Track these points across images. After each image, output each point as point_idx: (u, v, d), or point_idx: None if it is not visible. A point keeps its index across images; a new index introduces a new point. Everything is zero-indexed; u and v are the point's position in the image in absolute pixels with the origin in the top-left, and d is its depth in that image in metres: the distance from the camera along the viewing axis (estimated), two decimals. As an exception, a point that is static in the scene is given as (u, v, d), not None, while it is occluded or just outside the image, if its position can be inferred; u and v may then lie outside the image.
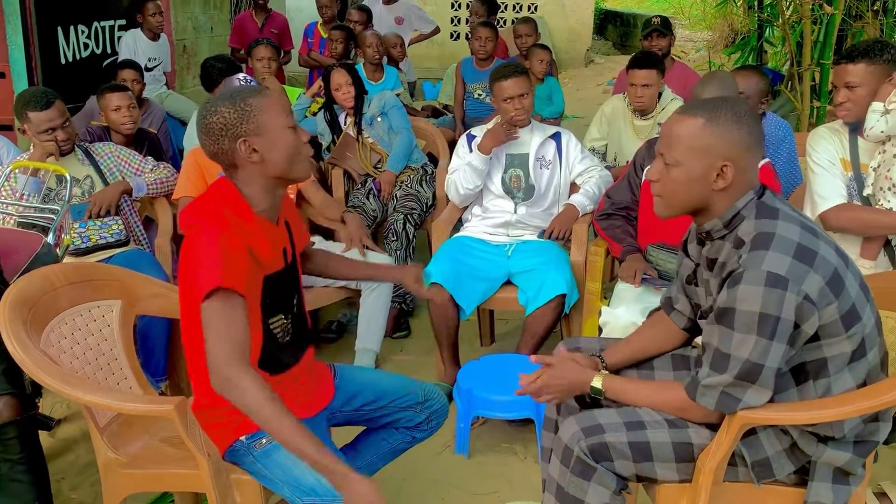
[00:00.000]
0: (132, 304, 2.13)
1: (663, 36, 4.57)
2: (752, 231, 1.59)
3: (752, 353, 1.53)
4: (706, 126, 1.61)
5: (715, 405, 1.60)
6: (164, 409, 1.64)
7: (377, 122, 3.97)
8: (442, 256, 2.96)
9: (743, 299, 1.53)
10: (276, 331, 1.79)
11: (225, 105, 1.70)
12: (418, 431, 2.09)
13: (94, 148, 3.23)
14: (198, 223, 1.66)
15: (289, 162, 1.73)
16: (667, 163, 1.65)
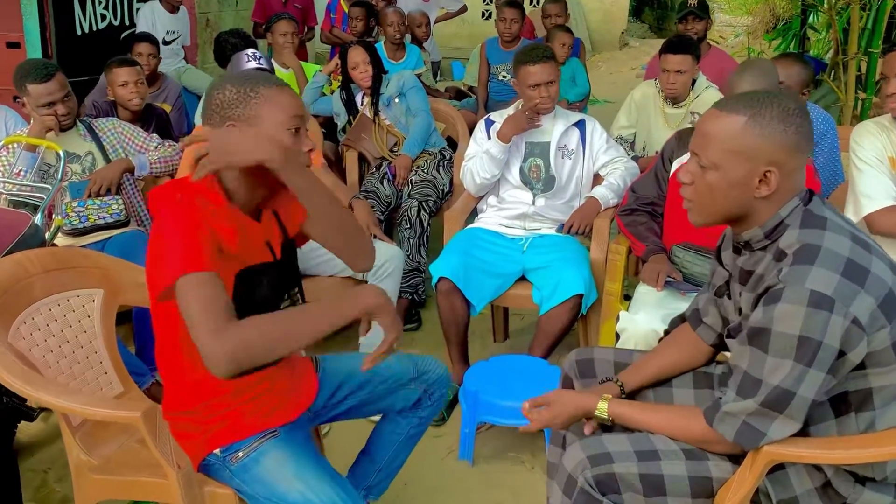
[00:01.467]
0: (115, 294, 2.00)
1: (699, 19, 4.33)
2: (795, 243, 1.40)
3: (785, 379, 1.35)
4: (749, 125, 1.41)
5: (734, 436, 1.43)
6: (130, 416, 1.50)
7: (395, 103, 3.80)
8: (453, 249, 2.79)
9: (781, 319, 1.35)
10: None
11: (233, 83, 1.57)
12: (421, 409, 1.94)
13: (97, 123, 3.11)
14: (163, 209, 1.51)
15: None
16: (702, 165, 1.46)
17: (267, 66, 3.03)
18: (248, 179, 1.59)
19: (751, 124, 1.41)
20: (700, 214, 1.52)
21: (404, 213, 3.45)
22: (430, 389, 1.93)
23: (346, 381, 1.87)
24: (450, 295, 2.69)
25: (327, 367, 1.89)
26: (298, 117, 1.60)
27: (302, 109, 1.62)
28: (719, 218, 1.51)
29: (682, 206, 2.56)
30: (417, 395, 1.91)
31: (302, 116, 1.61)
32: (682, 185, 1.52)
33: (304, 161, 1.62)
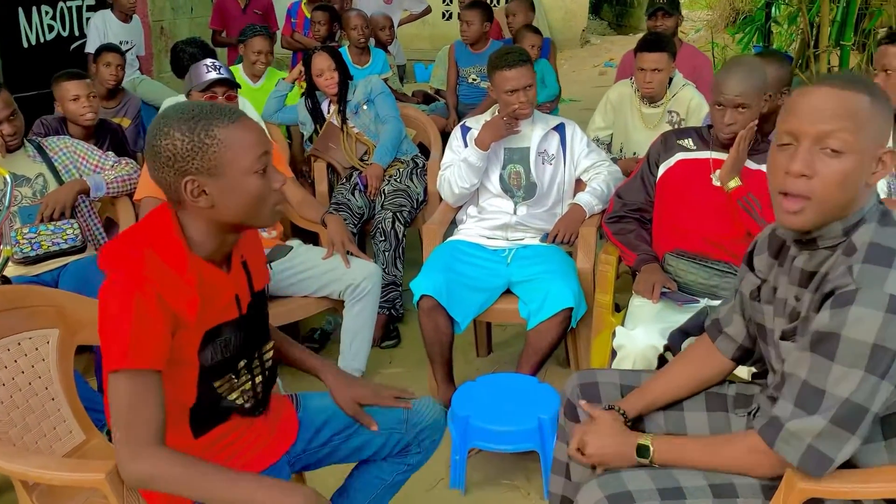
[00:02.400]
0: (73, 333, 1.82)
1: (669, 15, 4.24)
2: (868, 239, 1.28)
3: (857, 392, 1.23)
4: (874, 104, 1.28)
5: (798, 460, 1.28)
6: (94, 479, 1.34)
7: (363, 110, 3.65)
8: (433, 265, 2.65)
9: (854, 325, 1.22)
10: (224, 393, 1.51)
11: (181, 129, 1.37)
12: (410, 456, 1.78)
13: (47, 143, 2.91)
14: (115, 271, 1.35)
15: (247, 212, 1.42)
16: (833, 149, 1.28)
17: (227, 75, 2.86)
18: (216, 228, 1.44)
19: (875, 102, 1.29)
20: (819, 213, 1.31)
21: (378, 225, 3.31)
22: (420, 435, 1.77)
23: (330, 422, 1.72)
24: (433, 313, 2.55)
25: (309, 406, 1.74)
26: (265, 154, 1.42)
27: (266, 142, 1.44)
28: (837, 213, 1.32)
29: (671, 211, 2.49)
30: (407, 440, 1.76)
31: (267, 151, 1.43)
32: (797, 178, 1.30)
33: (276, 199, 1.47)
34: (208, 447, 1.48)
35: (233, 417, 1.54)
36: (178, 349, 1.38)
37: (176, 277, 1.36)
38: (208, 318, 1.43)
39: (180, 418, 1.46)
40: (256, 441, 1.58)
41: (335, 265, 2.74)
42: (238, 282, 1.52)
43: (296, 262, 2.77)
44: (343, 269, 2.73)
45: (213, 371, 1.47)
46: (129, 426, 1.30)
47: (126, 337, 1.29)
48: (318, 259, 2.77)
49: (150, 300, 1.31)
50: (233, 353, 1.51)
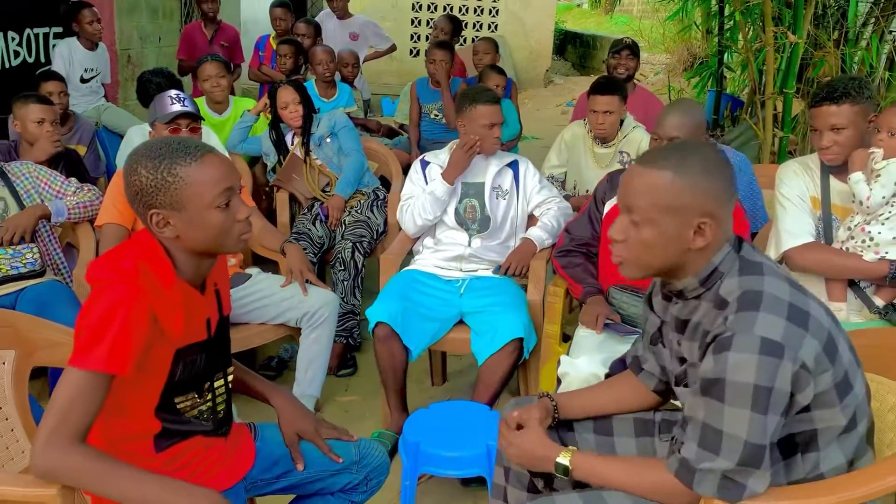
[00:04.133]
0: (29, 354, 1.86)
1: (633, 56, 4.43)
2: (736, 290, 1.40)
3: (751, 433, 1.34)
4: (676, 179, 1.41)
5: (717, 491, 1.39)
6: (45, 494, 1.38)
7: (326, 142, 3.74)
8: (390, 293, 2.73)
9: (734, 369, 1.33)
10: (185, 412, 1.57)
11: (147, 167, 1.47)
12: (356, 494, 1.86)
13: (9, 168, 2.95)
14: (106, 279, 1.42)
15: (212, 243, 1.52)
16: (635, 221, 1.45)
17: (192, 108, 2.93)
18: (196, 255, 1.53)
19: (678, 178, 1.41)
20: (634, 269, 1.50)
21: (338, 255, 3.38)
22: (369, 476, 1.85)
23: (285, 458, 1.79)
24: (388, 340, 2.62)
25: (266, 437, 1.80)
26: (227, 190, 1.50)
27: (230, 177, 1.52)
28: (654, 272, 1.50)
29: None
30: (357, 480, 1.84)
31: (230, 187, 1.52)
32: (614, 242, 1.50)
33: (241, 230, 1.55)
34: (168, 463, 1.54)
35: (195, 437, 1.59)
36: (151, 361, 1.45)
37: (165, 293, 1.45)
38: (183, 337, 1.51)
39: (145, 432, 1.51)
40: (214, 463, 1.64)
41: (293, 293, 2.80)
42: (210, 305, 1.60)
43: (254, 290, 2.83)
44: (301, 296, 2.79)
45: (177, 387, 1.53)
46: (59, 420, 1.35)
47: (107, 340, 1.35)
48: (276, 287, 2.83)
49: (143, 310, 1.39)
50: (197, 372, 1.57)
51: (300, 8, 9.26)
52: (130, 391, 1.46)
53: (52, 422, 1.35)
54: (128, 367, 1.38)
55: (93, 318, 1.38)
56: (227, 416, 1.69)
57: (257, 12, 9.29)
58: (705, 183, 1.41)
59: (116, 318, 1.37)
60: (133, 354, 1.39)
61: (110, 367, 1.36)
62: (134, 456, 1.48)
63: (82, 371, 1.37)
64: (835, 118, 2.33)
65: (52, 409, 1.36)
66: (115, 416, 1.47)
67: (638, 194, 1.44)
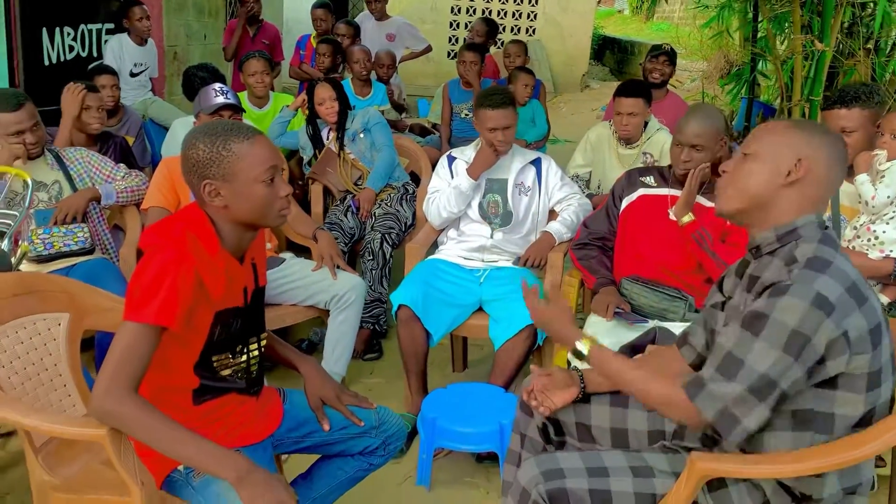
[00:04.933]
0: (81, 318, 2.05)
1: (670, 63, 4.52)
2: (809, 253, 1.49)
3: (773, 368, 1.42)
4: (790, 127, 1.59)
5: (714, 416, 1.47)
6: (96, 434, 1.55)
7: (360, 138, 3.91)
8: (413, 279, 2.88)
9: (783, 310, 1.42)
10: (221, 369, 1.74)
11: (204, 141, 1.66)
12: (375, 457, 2.01)
13: (65, 153, 3.15)
14: (157, 244, 1.60)
15: (255, 215, 1.69)
16: (745, 153, 1.60)
17: (234, 100, 3.11)
18: (241, 227, 1.69)
19: (795, 126, 1.59)
20: (731, 199, 1.61)
21: (367, 245, 3.54)
22: (387, 441, 2.00)
23: (310, 421, 1.94)
24: (409, 323, 2.77)
25: (294, 401, 1.96)
26: (272, 167, 1.68)
27: (276, 157, 1.70)
28: (748, 204, 1.59)
29: (630, 241, 2.72)
30: (376, 444, 1.98)
31: (275, 165, 1.69)
32: (722, 174, 1.65)
33: (281, 205, 1.71)
34: (204, 415, 1.70)
35: (229, 394, 1.76)
36: (194, 320, 1.62)
37: (210, 259, 1.62)
38: (222, 301, 1.67)
39: (185, 387, 1.68)
40: (246, 419, 1.80)
41: (323, 277, 2.97)
42: (247, 275, 1.76)
43: (287, 273, 3.00)
44: (330, 280, 2.95)
45: (215, 347, 1.70)
46: (117, 369, 1.51)
47: (158, 296, 1.52)
48: (308, 270, 3.00)
49: (189, 271, 1.56)
50: (233, 335, 1.74)
51: (341, 9, 9.49)
52: (175, 347, 1.63)
53: (110, 370, 1.52)
54: (176, 321, 1.55)
55: (146, 277, 1.55)
56: (259, 377, 1.86)
57: (300, 13, 9.53)
58: (813, 136, 1.56)
59: (167, 278, 1.53)
60: (181, 310, 1.55)
61: (161, 319, 1.53)
62: (174, 407, 1.64)
63: (136, 324, 1.53)
64: (844, 121, 2.42)
65: (110, 360, 1.53)
66: (159, 369, 1.63)
67: (756, 136, 1.61)
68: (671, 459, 1.63)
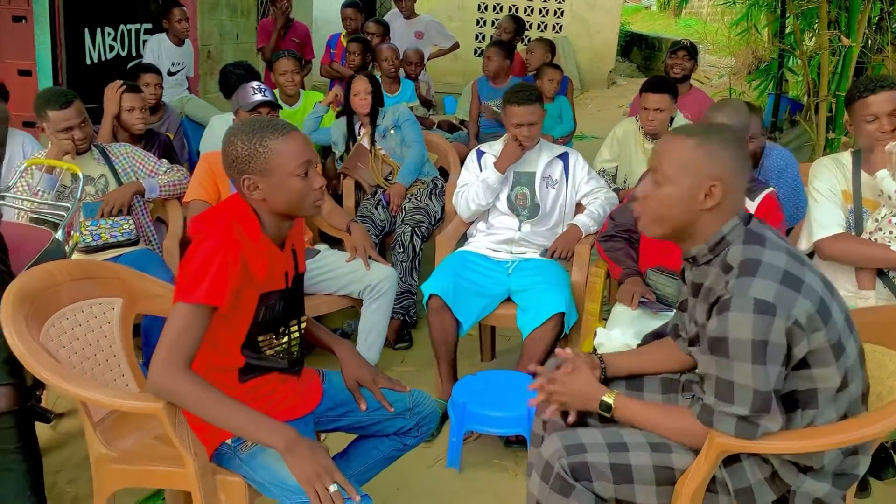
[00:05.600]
0: (133, 303, 2.17)
1: (690, 58, 4.58)
2: (739, 257, 1.60)
3: (756, 382, 1.54)
4: (697, 146, 1.64)
5: (735, 431, 1.59)
6: (154, 407, 1.67)
7: (390, 134, 4.01)
8: (443, 270, 2.98)
9: (734, 327, 1.54)
10: (265, 349, 1.86)
11: (242, 138, 1.77)
12: (409, 438, 2.11)
13: (110, 148, 3.30)
14: (205, 231, 1.72)
15: (292, 206, 1.80)
16: (657, 180, 1.67)
17: (271, 98, 3.24)
18: (279, 217, 1.81)
19: (699, 146, 1.64)
20: (652, 225, 1.71)
21: (398, 238, 3.65)
22: (420, 423, 2.10)
23: (348, 401, 2.05)
24: (440, 312, 2.87)
25: (332, 382, 2.07)
26: (306, 161, 1.79)
27: (309, 151, 1.81)
28: (669, 228, 1.69)
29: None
30: (411, 424, 2.08)
31: (309, 160, 1.80)
32: (636, 200, 1.73)
33: (316, 197, 1.82)
34: (249, 392, 1.82)
35: (272, 373, 1.87)
36: (240, 302, 1.74)
37: (253, 244, 1.74)
38: (265, 284, 1.79)
39: (231, 365, 1.80)
40: (288, 396, 1.92)
41: (356, 267, 3.08)
42: (288, 261, 1.88)
43: (322, 264, 3.11)
44: (363, 271, 3.06)
45: (259, 327, 1.82)
46: (172, 347, 1.64)
47: (208, 278, 1.64)
48: (342, 261, 3.11)
49: (235, 255, 1.68)
50: (276, 316, 1.85)
51: (370, 8, 9.61)
52: (223, 328, 1.74)
53: (165, 349, 1.64)
54: (225, 301, 1.66)
55: (195, 262, 1.67)
56: (300, 358, 1.97)
57: (329, 12, 9.67)
58: (722, 152, 1.63)
59: (215, 261, 1.65)
60: (229, 290, 1.67)
61: (211, 299, 1.64)
62: (222, 386, 1.75)
63: (188, 305, 1.65)
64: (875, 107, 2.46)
65: (165, 339, 1.65)
66: (209, 349, 1.74)
67: (664, 157, 1.67)
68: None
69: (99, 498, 1.93)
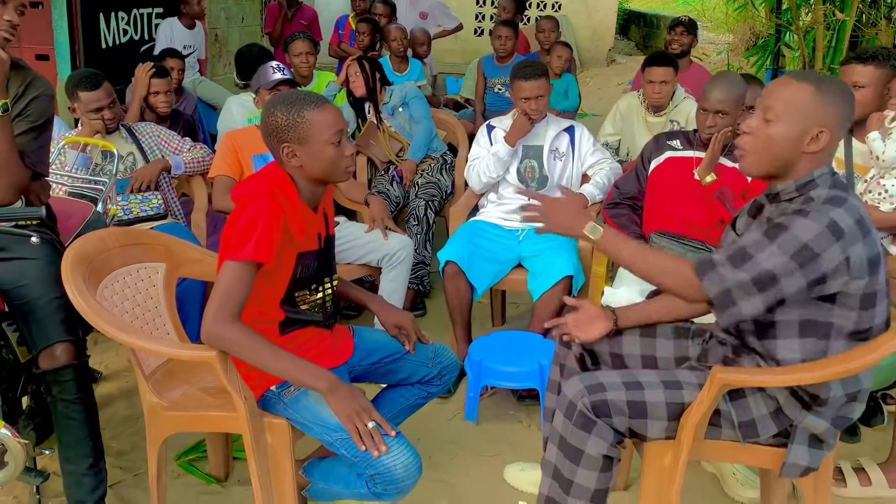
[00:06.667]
0: (176, 267, 2.34)
1: (688, 33, 4.72)
2: (824, 195, 1.70)
3: (777, 268, 1.62)
4: (816, 93, 1.70)
5: (715, 295, 1.66)
6: (209, 355, 1.84)
7: (399, 111, 4.16)
8: (458, 238, 3.15)
9: (800, 226, 1.62)
10: (301, 304, 2.03)
11: (282, 109, 1.92)
12: (432, 386, 2.29)
13: (136, 127, 3.45)
14: (248, 195, 1.88)
15: (326, 172, 1.96)
16: (767, 118, 1.72)
17: (290, 76, 3.38)
18: (314, 182, 1.97)
19: (818, 93, 1.70)
20: (754, 164, 1.76)
21: (412, 211, 3.81)
22: (443, 371, 2.28)
23: (377, 350, 2.23)
24: (455, 277, 3.04)
25: (362, 335, 2.25)
26: (339, 130, 1.95)
27: (341, 122, 1.97)
28: (769, 167, 1.75)
29: (658, 200, 2.96)
30: (433, 373, 2.26)
31: (342, 129, 1.96)
32: (742, 134, 1.77)
33: (347, 164, 1.98)
34: (289, 343, 1.99)
35: (309, 327, 2.05)
36: (281, 260, 1.91)
37: (292, 208, 1.91)
38: (302, 244, 1.96)
39: (273, 319, 1.97)
40: (324, 348, 2.09)
41: (375, 237, 3.25)
42: (321, 223, 2.05)
43: (341, 235, 3.26)
44: (381, 240, 3.23)
45: (297, 284, 1.99)
46: (222, 301, 1.80)
47: (254, 237, 1.80)
48: (361, 232, 3.28)
49: (277, 216, 1.85)
50: (311, 274, 2.03)
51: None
52: (265, 285, 1.92)
53: (217, 302, 1.81)
54: (271, 257, 1.83)
55: (241, 223, 1.83)
56: (333, 313, 2.15)
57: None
58: (838, 103, 1.73)
59: (260, 221, 1.81)
60: (274, 248, 1.83)
61: (258, 256, 1.81)
62: (265, 337, 1.93)
63: (236, 262, 1.81)
64: (858, 76, 2.63)
65: (216, 294, 1.81)
66: (253, 304, 1.91)
67: (779, 97, 1.72)
68: (698, 375, 1.88)
69: (153, 444, 2.11)
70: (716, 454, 1.91)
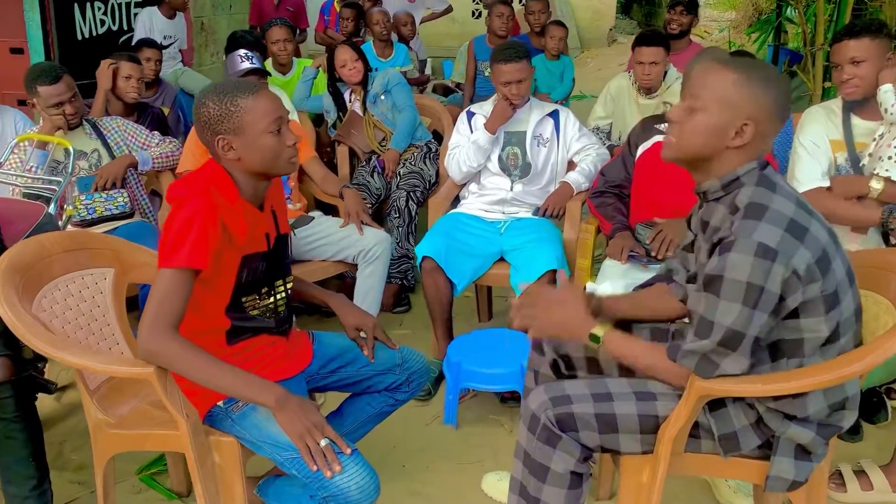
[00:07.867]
0: (125, 272, 2.20)
1: (687, 13, 4.53)
2: (747, 199, 1.58)
3: (735, 321, 1.54)
4: (738, 81, 1.60)
5: (695, 367, 1.61)
6: (144, 372, 1.70)
7: (381, 99, 4.00)
8: (435, 232, 3.00)
9: (732, 268, 1.53)
10: (250, 310, 1.88)
11: (213, 99, 1.77)
12: (399, 393, 2.15)
13: (101, 122, 3.31)
14: (182, 196, 1.74)
15: (266, 164, 1.81)
16: (692, 107, 1.63)
17: (258, 65, 3.23)
18: (255, 177, 1.82)
19: (741, 80, 1.60)
20: (676, 150, 1.67)
21: (393, 203, 3.65)
22: (411, 377, 2.14)
23: (338, 357, 2.09)
24: (433, 273, 2.89)
25: (322, 341, 2.11)
26: (278, 118, 1.79)
27: (280, 109, 1.81)
28: (692, 156, 1.66)
29: (646, 187, 2.80)
30: (401, 379, 2.12)
31: (281, 116, 1.80)
32: (670, 122, 1.68)
33: (290, 154, 1.83)
34: (238, 354, 1.85)
35: (260, 335, 1.90)
36: (222, 264, 1.76)
37: (231, 207, 1.76)
38: (246, 246, 1.81)
39: (218, 328, 1.83)
40: (277, 357, 1.95)
41: (350, 233, 3.10)
42: (268, 223, 1.90)
43: (316, 230, 3.13)
44: (357, 235, 3.08)
45: (244, 289, 1.85)
46: (157, 311, 1.67)
47: (188, 242, 1.66)
48: (336, 227, 3.13)
49: (214, 218, 1.70)
50: (259, 277, 1.88)
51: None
52: (207, 292, 1.77)
53: (151, 314, 1.67)
54: (207, 263, 1.69)
55: (175, 227, 1.69)
56: (287, 318, 2.00)
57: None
58: (761, 92, 1.59)
59: (194, 225, 1.67)
60: (210, 253, 1.69)
61: (193, 262, 1.67)
62: (210, 349, 1.78)
63: (171, 269, 1.68)
64: (853, 51, 2.45)
65: (151, 304, 1.68)
66: (194, 313, 1.77)
67: (704, 85, 1.62)
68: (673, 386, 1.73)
69: (99, 462, 1.98)
70: (697, 468, 1.76)
